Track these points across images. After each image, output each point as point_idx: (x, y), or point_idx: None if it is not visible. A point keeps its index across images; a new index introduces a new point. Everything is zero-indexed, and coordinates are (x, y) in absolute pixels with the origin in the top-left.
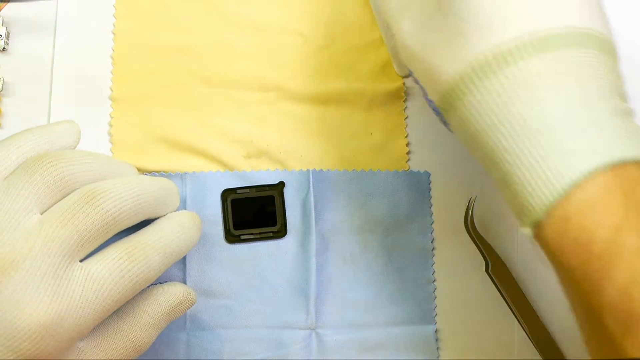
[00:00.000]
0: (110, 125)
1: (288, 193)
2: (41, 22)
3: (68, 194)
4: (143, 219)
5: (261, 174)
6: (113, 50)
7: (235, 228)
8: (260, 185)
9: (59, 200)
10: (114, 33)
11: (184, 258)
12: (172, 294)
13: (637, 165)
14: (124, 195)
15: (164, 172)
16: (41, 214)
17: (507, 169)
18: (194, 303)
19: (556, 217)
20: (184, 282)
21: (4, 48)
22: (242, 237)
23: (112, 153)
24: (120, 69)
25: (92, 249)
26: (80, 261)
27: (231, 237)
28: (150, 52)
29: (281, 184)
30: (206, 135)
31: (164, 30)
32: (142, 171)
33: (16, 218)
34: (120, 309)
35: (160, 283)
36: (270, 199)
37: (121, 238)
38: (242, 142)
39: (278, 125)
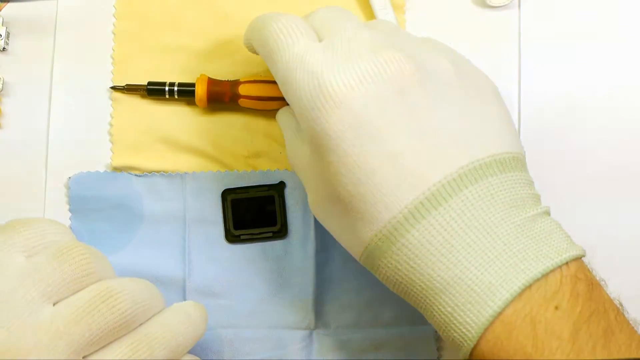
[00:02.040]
0: (110, 125)
1: (288, 193)
2: (41, 22)
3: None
4: (151, 316)
5: (261, 174)
6: (113, 50)
7: (236, 228)
8: (260, 185)
9: (75, 293)
10: (114, 33)
11: (184, 258)
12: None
13: (540, 283)
14: (138, 296)
15: (164, 172)
16: (54, 305)
17: (428, 317)
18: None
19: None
20: (184, 282)
21: (4, 48)
22: (242, 237)
23: (112, 153)
24: (120, 69)
25: (99, 346)
26: (84, 357)
27: (231, 237)
28: (150, 52)
29: (281, 184)
30: (206, 135)
31: (164, 30)
32: (142, 171)
33: (30, 306)
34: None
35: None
36: (271, 199)
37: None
38: (242, 142)
39: (278, 125)
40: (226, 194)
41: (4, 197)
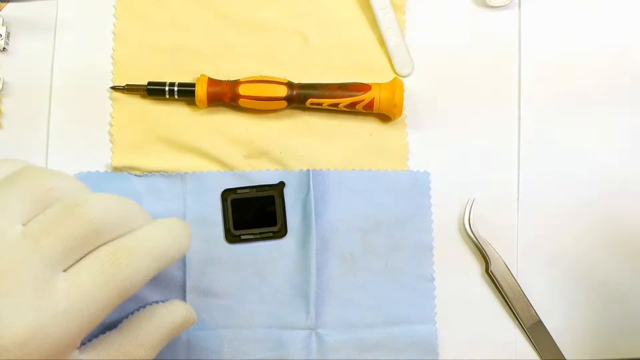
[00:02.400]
0: (110, 125)
1: (288, 193)
2: (41, 22)
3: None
4: (129, 230)
5: (261, 174)
6: (113, 50)
7: (236, 228)
8: (261, 185)
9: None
10: (114, 33)
11: (184, 258)
12: (175, 315)
13: None
14: (109, 204)
15: (164, 172)
16: (24, 225)
17: None
18: (195, 322)
19: None
20: (184, 282)
21: (4, 48)
22: (242, 237)
23: (112, 153)
24: (120, 69)
25: (77, 258)
26: (65, 270)
27: (231, 237)
28: (150, 52)
29: (281, 184)
30: (206, 135)
31: (164, 30)
32: (142, 171)
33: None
34: (124, 327)
35: (163, 302)
36: (271, 199)
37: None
38: (242, 142)
39: (278, 125)
40: (226, 194)
41: None
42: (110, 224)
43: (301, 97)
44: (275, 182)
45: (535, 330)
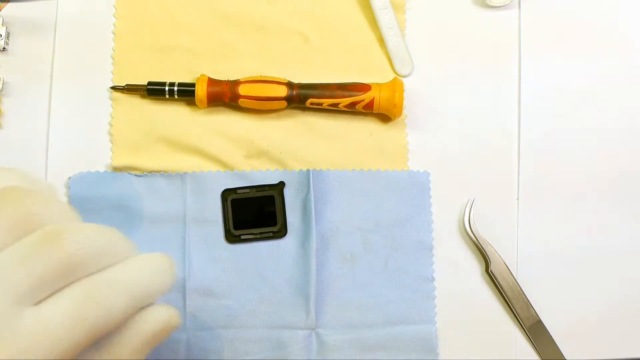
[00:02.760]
0: (110, 125)
1: (288, 193)
2: (41, 22)
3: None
4: (108, 264)
5: (261, 174)
6: (113, 50)
7: (236, 228)
8: (261, 185)
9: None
10: (114, 33)
11: (184, 258)
12: (154, 321)
13: None
14: (90, 237)
15: (164, 172)
16: None
17: None
18: (180, 325)
19: None
20: (184, 282)
21: (4, 48)
22: (242, 237)
23: (112, 153)
24: (120, 69)
25: (50, 292)
26: (35, 304)
27: (231, 237)
28: (150, 52)
29: (281, 184)
30: (206, 135)
31: (164, 30)
32: (142, 171)
33: None
34: (98, 341)
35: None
36: (271, 199)
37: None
38: (242, 142)
39: (278, 125)
40: (226, 194)
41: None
42: (89, 258)
43: (301, 97)
44: (275, 182)
45: (535, 330)
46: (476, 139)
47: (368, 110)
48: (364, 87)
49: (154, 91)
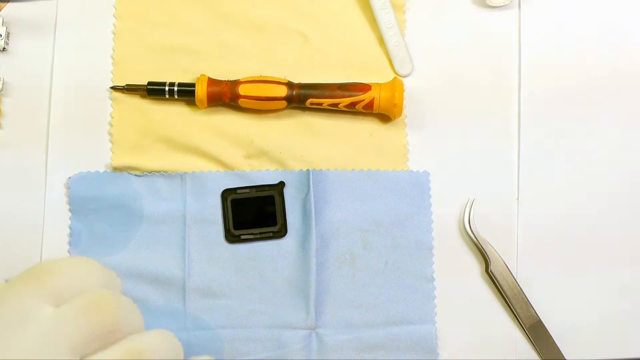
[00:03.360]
0: (110, 125)
1: (288, 193)
2: (41, 22)
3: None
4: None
5: (261, 174)
6: (113, 50)
7: (236, 228)
8: (261, 185)
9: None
10: (114, 33)
11: (184, 258)
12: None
13: None
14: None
15: (164, 172)
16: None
17: None
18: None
19: None
20: (184, 282)
21: (4, 48)
22: (242, 237)
23: (112, 153)
24: (120, 69)
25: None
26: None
27: (231, 237)
28: (150, 52)
29: (281, 184)
30: (206, 135)
31: (164, 30)
32: (142, 171)
33: None
34: None
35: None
36: (271, 198)
37: None
38: (242, 142)
39: (278, 125)
40: (226, 194)
41: (4, 197)
42: (124, 326)
43: (301, 97)
44: (275, 182)
45: (535, 330)
46: (476, 139)
47: (368, 110)
48: (364, 87)
49: (154, 91)
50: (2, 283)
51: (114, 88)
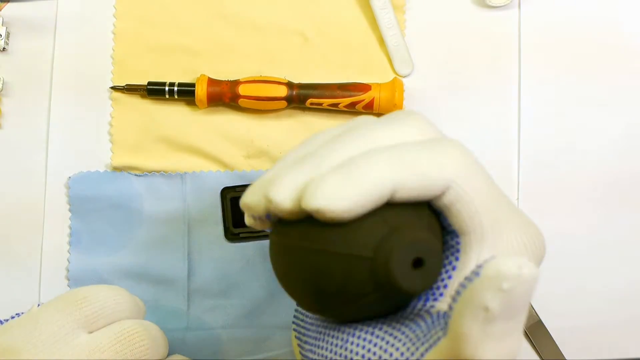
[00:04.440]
0: (110, 125)
1: None
2: (41, 22)
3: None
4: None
5: (261, 173)
6: (113, 50)
7: (235, 226)
8: None
9: None
10: (114, 33)
11: (184, 258)
12: None
13: None
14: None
15: (164, 172)
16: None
17: None
18: None
19: None
20: (184, 282)
21: (4, 48)
22: (242, 235)
23: (112, 153)
24: (120, 69)
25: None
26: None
27: (231, 235)
28: (150, 52)
29: None
30: (206, 135)
31: (164, 30)
32: (142, 171)
33: None
34: None
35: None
36: None
37: None
38: (242, 142)
39: (278, 125)
40: (226, 191)
41: (4, 197)
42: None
43: (301, 97)
44: None
45: (535, 330)
46: (476, 139)
47: (368, 111)
48: (364, 87)
49: (154, 91)
50: (35, 308)
51: (114, 88)
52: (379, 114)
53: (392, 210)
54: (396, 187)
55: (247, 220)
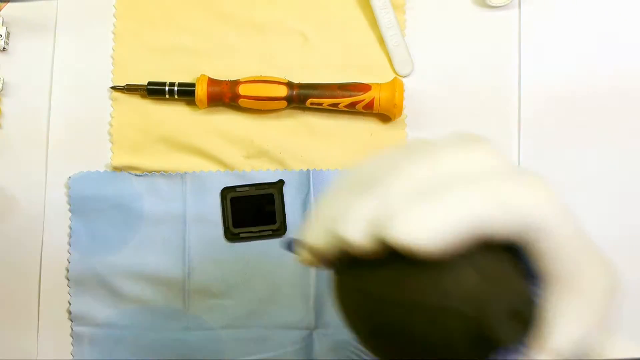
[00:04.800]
0: (110, 125)
1: (288, 193)
2: (41, 22)
3: None
4: None
5: (261, 173)
6: (113, 50)
7: (235, 226)
8: (260, 184)
9: None
10: (114, 33)
11: (184, 258)
12: None
13: None
14: None
15: (164, 172)
16: None
17: None
18: None
19: None
20: (184, 282)
21: (4, 48)
22: (242, 235)
23: (112, 153)
24: (120, 69)
25: None
26: None
27: (231, 235)
28: (150, 52)
29: (280, 182)
30: (206, 135)
31: (164, 30)
32: (142, 171)
33: None
34: None
35: None
36: (270, 197)
37: None
38: (242, 142)
39: (278, 125)
40: (225, 192)
41: (4, 197)
42: None
43: (301, 97)
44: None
45: None
46: None
47: (368, 110)
48: (364, 87)
49: (154, 91)
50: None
51: (114, 88)
52: (379, 114)
53: (479, 252)
54: (486, 224)
55: (304, 259)
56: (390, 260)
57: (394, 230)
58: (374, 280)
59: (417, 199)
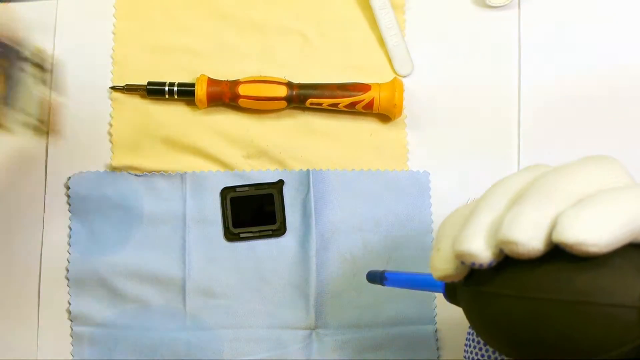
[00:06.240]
0: (110, 125)
1: (288, 193)
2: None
3: None
4: None
5: (261, 173)
6: (113, 50)
7: (235, 226)
8: (260, 184)
9: None
10: (114, 33)
11: (184, 258)
12: None
13: None
14: None
15: (163, 172)
16: None
17: None
18: None
19: None
20: (184, 282)
21: None
22: (242, 235)
23: (112, 153)
24: (120, 69)
25: None
26: None
27: (230, 235)
28: (150, 52)
29: (280, 182)
30: (206, 135)
31: (164, 30)
32: (142, 171)
33: None
34: None
35: None
36: (270, 197)
37: None
38: (242, 142)
39: (278, 125)
40: (225, 191)
41: (4, 197)
42: None
43: (301, 97)
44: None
45: None
46: (476, 138)
47: (368, 110)
48: (363, 87)
49: (154, 91)
50: None
51: (114, 88)
52: (379, 114)
53: (633, 250)
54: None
55: (446, 268)
56: (545, 264)
57: (570, 229)
58: (530, 284)
59: (581, 205)
